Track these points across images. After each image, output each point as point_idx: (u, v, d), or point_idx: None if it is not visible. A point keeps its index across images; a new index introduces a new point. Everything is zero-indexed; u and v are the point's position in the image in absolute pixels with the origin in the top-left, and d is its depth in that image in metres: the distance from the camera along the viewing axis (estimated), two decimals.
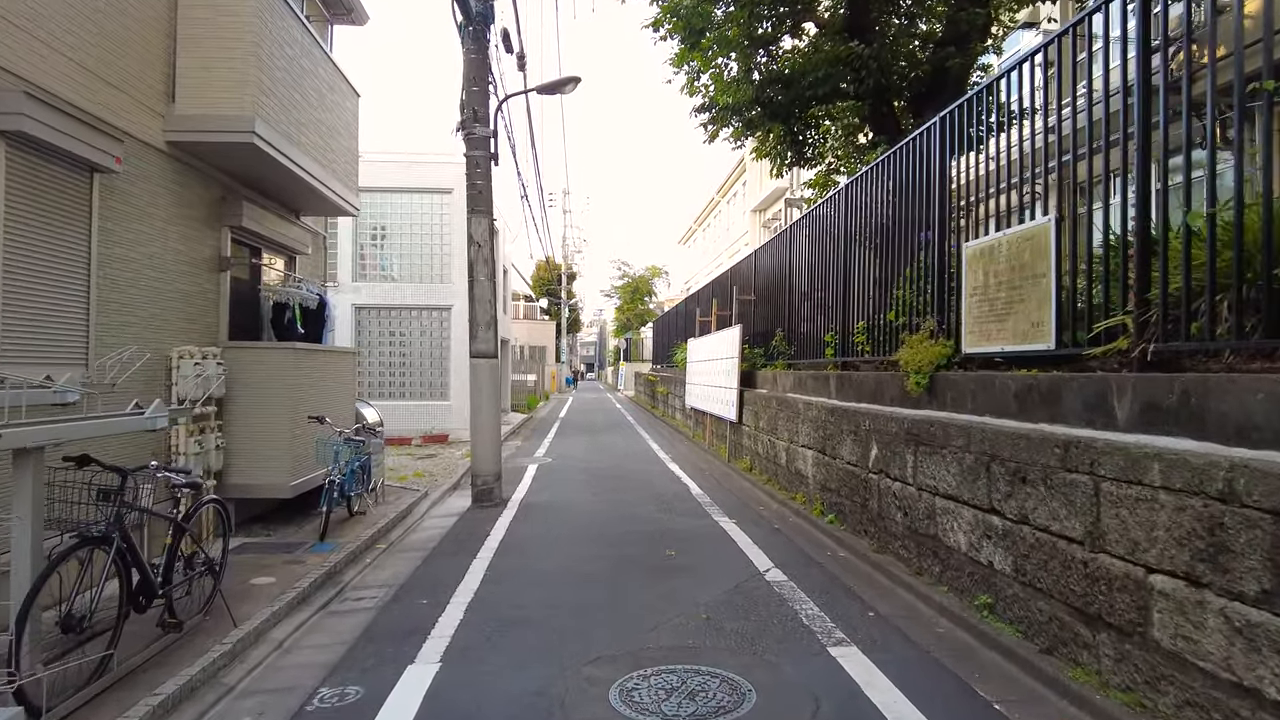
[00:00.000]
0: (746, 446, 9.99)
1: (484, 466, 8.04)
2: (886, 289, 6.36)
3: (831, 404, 6.79)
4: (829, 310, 7.81)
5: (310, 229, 8.65)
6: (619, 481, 9.48)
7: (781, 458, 8.26)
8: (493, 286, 8.12)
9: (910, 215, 5.98)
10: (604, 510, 7.62)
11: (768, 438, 8.86)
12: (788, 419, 8.03)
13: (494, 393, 8.11)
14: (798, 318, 8.96)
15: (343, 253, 14.82)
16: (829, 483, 6.74)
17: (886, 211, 6.48)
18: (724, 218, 39.38)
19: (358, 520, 7.06)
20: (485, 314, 8.05)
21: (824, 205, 8.24)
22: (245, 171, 6.58)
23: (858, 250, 7.12)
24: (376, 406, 14.82)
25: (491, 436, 8.08)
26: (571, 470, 10.61)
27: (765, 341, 10.26)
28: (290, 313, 7.34)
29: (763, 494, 8.46)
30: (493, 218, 8.21)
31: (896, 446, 5.32)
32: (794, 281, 9.07)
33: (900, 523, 5.29)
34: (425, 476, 10.11)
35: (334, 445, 6.61)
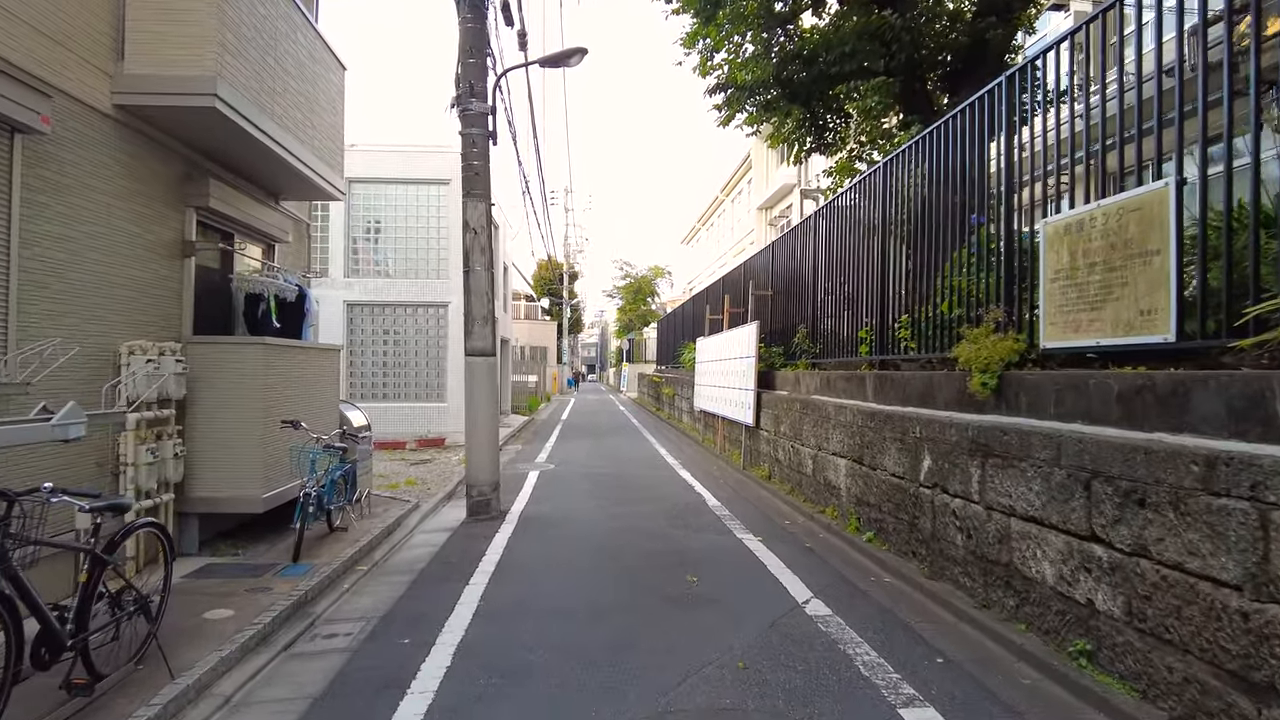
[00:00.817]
0: (764, 453, 9.25)
1: (480, 475, 7.30)
2: (929, 278, 5.63)
3: (869, 408, 6.05)
4: (861, 304, 7.08)
5: (292, 215, 7.93)
6: (627, 490, 8.74)
7: (807, 466, 7.52)
8: (490, 278, 7.39)
9: (955, 196, 5.25)
10: (612, 525, 6.88)
11: (790, 444, 8.11)
12: (814, 424, 7.29)
13: (491, 395, 7.39)
14: (822, 313, 8.23)
15: (334, 247, 14.11)
16: (866, 496, 6.00)
17: (929, 193, 5.74)
18: (729, 216, 38.71)
19: (338, 537, 6.32)
20: (482, 308, 7.32)
21: (853, 191, 7.51)
22: (212, 145, 5.85)
23: (894, 238, 6.39)
24: (368, 409, 14.09)
25: (489, 442, 7.35)
26: (575, 477, 9.87)
27: (784, 340, 9.53)
28: (265, 305, 6.61)
29: (785, 505, 7.72)
30: (490, 202, 7.48)
31: (957, 458, 4.58)
32: (818, 274, 8.34)
33: (961, 546, 4.55)
34: (418, 484, 9.37)
35: (310, 453, 5.88)
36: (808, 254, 8.65)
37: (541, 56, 8.01)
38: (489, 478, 7.32)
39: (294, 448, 5.91)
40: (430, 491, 8.85)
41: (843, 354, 7.49)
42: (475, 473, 7.31)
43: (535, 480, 9.56)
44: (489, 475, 7.33)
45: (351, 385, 14.15)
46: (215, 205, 6.01)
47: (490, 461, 7.36)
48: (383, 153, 14.31)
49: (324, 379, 7.14)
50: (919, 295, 5.87)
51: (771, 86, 9.36)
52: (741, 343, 10.24)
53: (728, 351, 11.28)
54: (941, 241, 5.59)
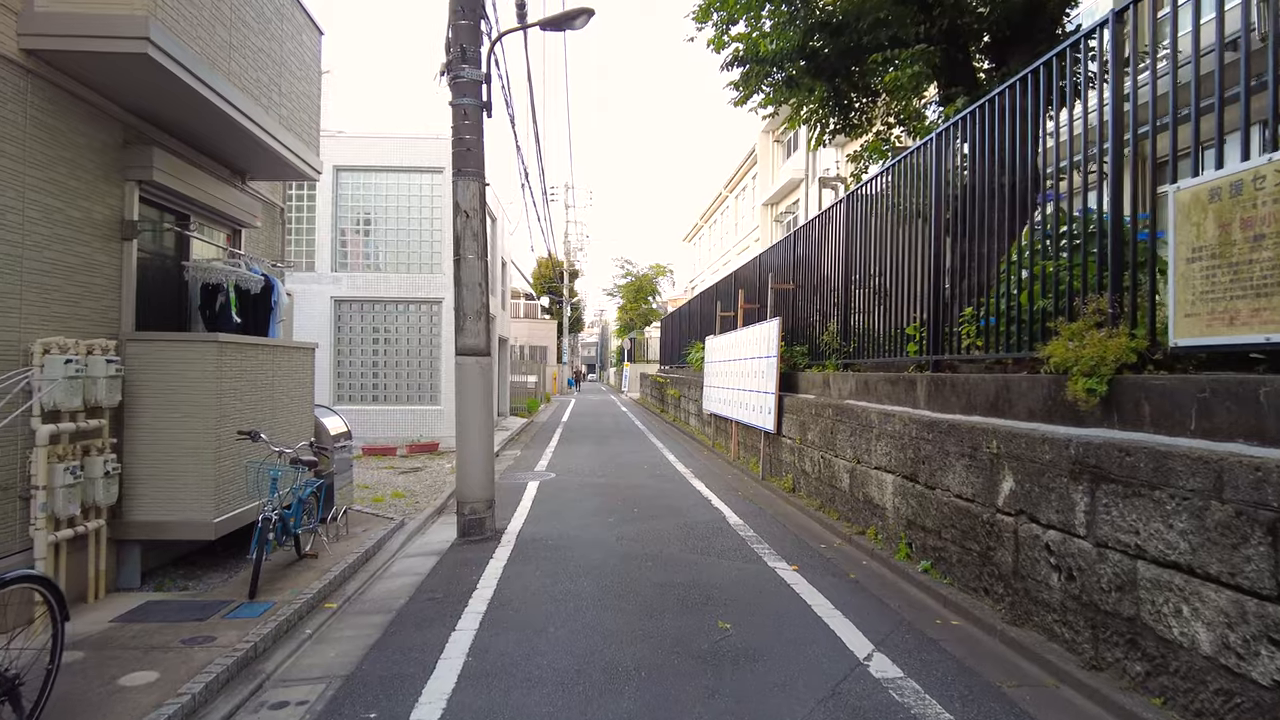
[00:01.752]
0: (788, 462, 8.39)
1: (473, 491, 6.45)
2: (988, 267, 4.79)
3: (924, 416, 5.19)
4: (905, 298, 6.23)
5: (262, 197, 7.07)
6: (636, 505, 7.88)
7: (842, 480, 6.66)
8: (484, 267, 6.53)
9: (1018, 173, 4.40)
10: (622, 548, 6.02)
11: (820, 454, 7.26)
12: (851, 433, 6.44)
13: (485, 399, 6.53)
14: (856, 309, 7.37)
15: (320, 239, 13.26)
16: (921, 519, 5.14)
17: (988, 170, 4.89)
18: (732, 213, 37.93)
19: (307, 565, 5.46)
20: (475, 301, 6.46)
21: (890, 174, 6.66)
22: (156, 107, 4.99)
23: (951, 223, 5.54)
24: (356, 412, 13.27)
25: (482, 453, 6.49)
26: (578, 489, 9.01)
27: (809, 338, 8.68)
28: (224, 297, 5.75)
29: (817, 524, 6.87)
30: (484, 182, 6.63)
31: (1052, 480, 3.73)
32: (849, 266, 7.48)
33: (1058, 589, 3.69)
34: (406, 497, 8.52)
35: (271, 470, 5.01)
36: (837, 243, 7.79)
37: (542, 19, 7.15)
38: (483, 493, 6.47)
39: (251, 465, 5.05)
40: (419, 505, 8.00)
41: (881, 353, 6.63)
42: (467, 488, 6.46)
43: (534, 492, 8.70)
44: (482, 491, 6.47)
45: (339, 387, 13.31)
46: (162, 179, 5.15)
47: (484, 475, 6.50)
48: (372, 139, 13.46)
49: (295, 382, 6.28)
50: (978, 286, 5.04)
51: (795, 59, 8.51)
52: (759, 341, 9.38)
53: (743, 351, 10.43)
54: (1003, 224, 4.75)
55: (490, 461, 6.58)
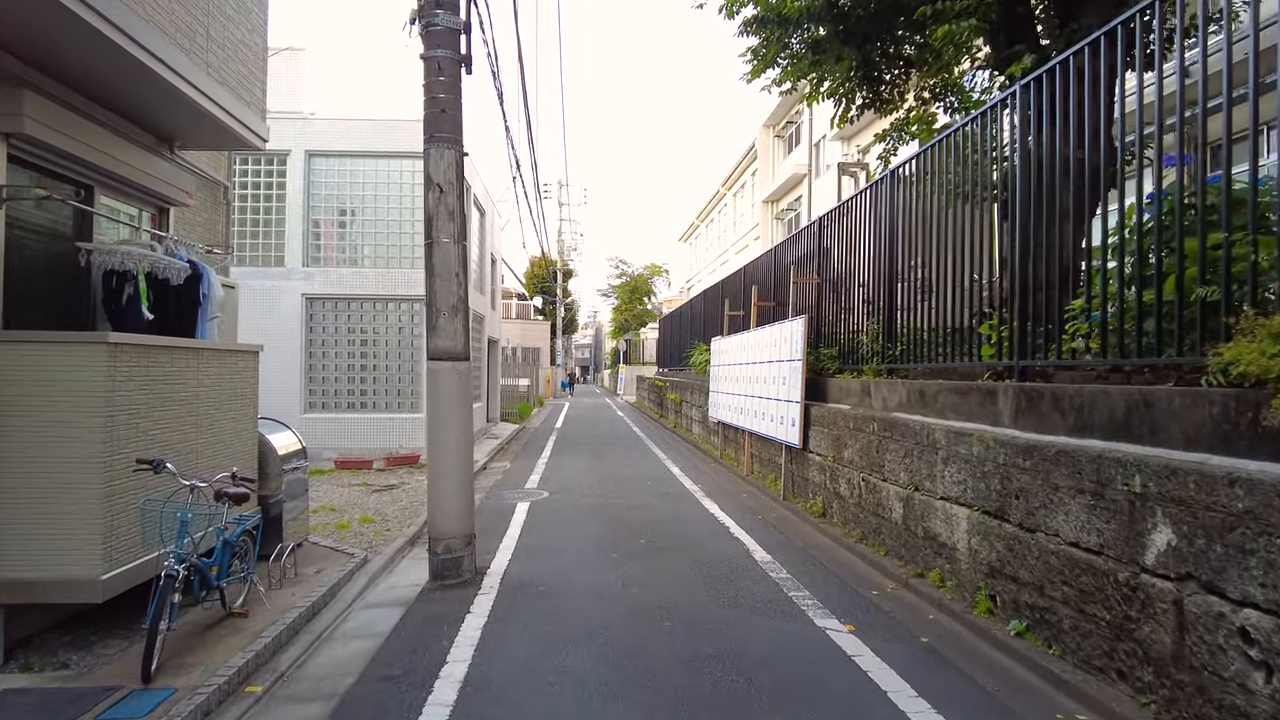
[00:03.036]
0: (816, 482, 7.29)
1: (448, 524, 5.32)
2: (1071, 252, 3.71)
3: (1015, 438, 4.10)
4: (960, 290, 5.14)
5: (198, 171, 5.93)
6: (642, 533, 6.76)
7: (892, 510, 5.56)
8: (461, 253, 5.41)
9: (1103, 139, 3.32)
10: (631, 597, 4.90)
11: (862, 476, 6.16)
12: (905, 453, 5.34)
13: (463, 412, 5.40)
14: (902, 304, 6.28)
15: (291, 231, 12.09)
16: (1011, 568, 4.04)
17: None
18: (730, 212, 36.97)
19: (234, 626, 4.32)
20: (450, 293, 5.34)
21: (939, 149, 5.58)
22: (28, 42, 3.85)
23: (1022, 201, 4.46)
24: (329, 421, 12.06)
25: (459, 478, 5.36)
26: (574, 511, 7.89)
27: (839, 339, 7.58)
28: (131, 288, 4.59)
29: (859, 561, 5.77)
30: (462, 150, 5.50)
31: (1248, 538, 2.64)
32: (894, 254, 6.39)
33: (1264, 695, 2.60)
34: (375, 522, 7.37)
35: (178, 511, 3.87)
36: (877, 229, 6.70)
37: None
38: (459, 527, 5.34)
39: (148, 504, 3.88)
40: (388, 534, 6.85)
41: (939, 357, 5.54)
42: (441, 521, 5.32)
43: (524, 517, 7.56)
44: (459, 524, 5.34)
45: (311, 393, 12.14)
46: (42, 135, 4.01)
47: (461, 505, 5.37)
48: (349, 122, 12.30)
49: (231, 393, 5.14)
50: (1061, 273, 3.97)
51: (824, 19, 7.44)
52: (780, 343, 8.28)
53: (758, 354, 9.33)
54: (1082, 203, 3.68)
55: (469, 489, 5.45)
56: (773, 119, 29.31)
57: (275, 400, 11.83)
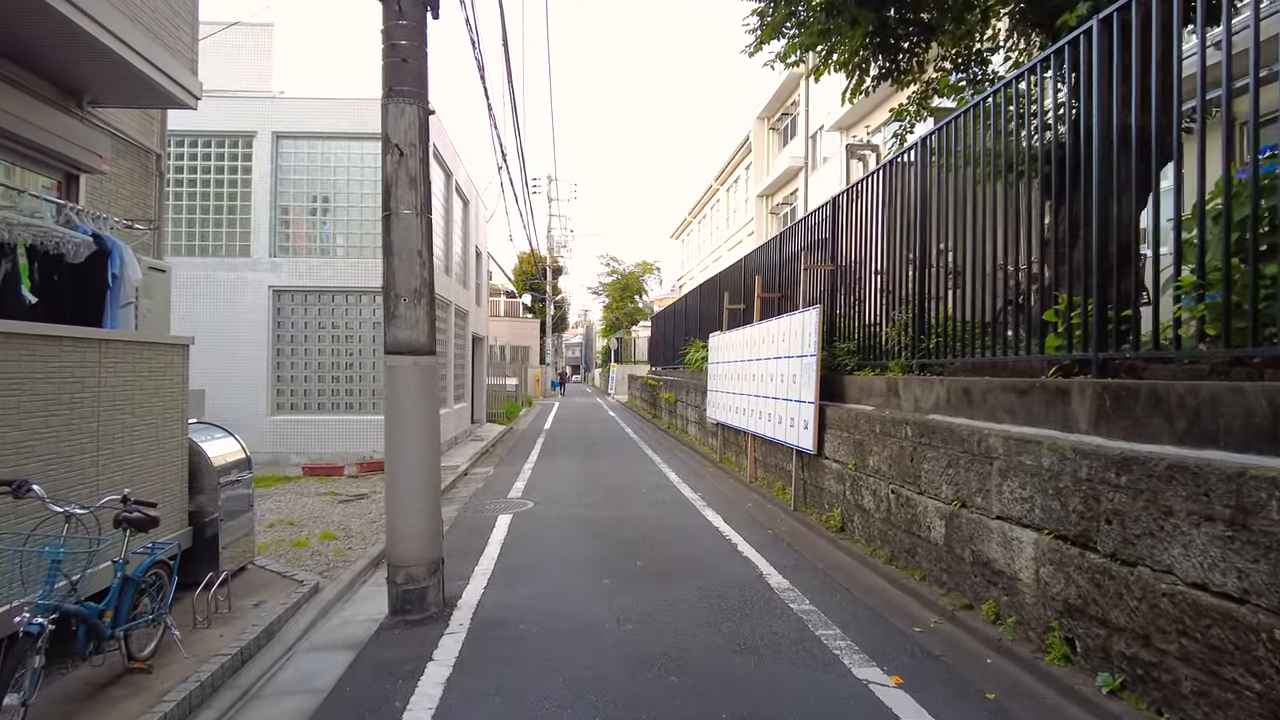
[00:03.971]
0: (834, 492, 6.50)
1: (409, 550, 4.48)
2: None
3: (1099, 447, 3.32)
4: (995, 271, 4.36)
5: (120, 134, 5.06)
6: (639, 553, 5.96)
7: (931, 527, 4.78)
8: (426, 227, 4.57)
9: None
10: (628, 641, 4.09)
11: (891, 487, 5.37)
12: (949, 462, 4.55)
13: (426, 416, 4.56)
14: (935, 292, 5.50)
15: (257, 219, 11.19)
16: (1100, 609, 3.26)
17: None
18: (724, 207, 36.27)
19: (134, 686, 3.47)
20: (411, 275, 4.50)
21: (977, 111, 4.80)
22: None
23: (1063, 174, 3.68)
24: (298, 422, 11.14)
25: (422, 496, 4.53)
26: (561, 525, 7.06)
27: (857, 332, 6.80)
28: (9, 263, 3.72)
29: (891, 587, 4.99)
30: (427, 107, 4.67)
31: None
32: (927, 235, 5.60)
33: None
34: (338, 539, 6.52)
35: (47, 549, 3.02)
36: (908, 206, 5.90)
37: None
38: (423, 552, 4.50)
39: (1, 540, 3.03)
40: (350, 554, 6.01)
41: (988, 350, 4.76)
42: (401, 546, 4.49)
43: (505, 533, 6.72)
44: (423, 549, 4.50)
45: (279, 394, 11.25)
46: None
47: (426, 525, 4.53)
48: (320, 102, 11.40)
49: (150, 395, 4.30)
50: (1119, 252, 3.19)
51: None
52: (790, 337, 7.49)
53: (763, 349, 8.54)
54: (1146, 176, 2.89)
55: (434, 507, 4.60)
56: (767, 111, 28.60)
57: (239, 401, 10.96)
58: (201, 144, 11.19)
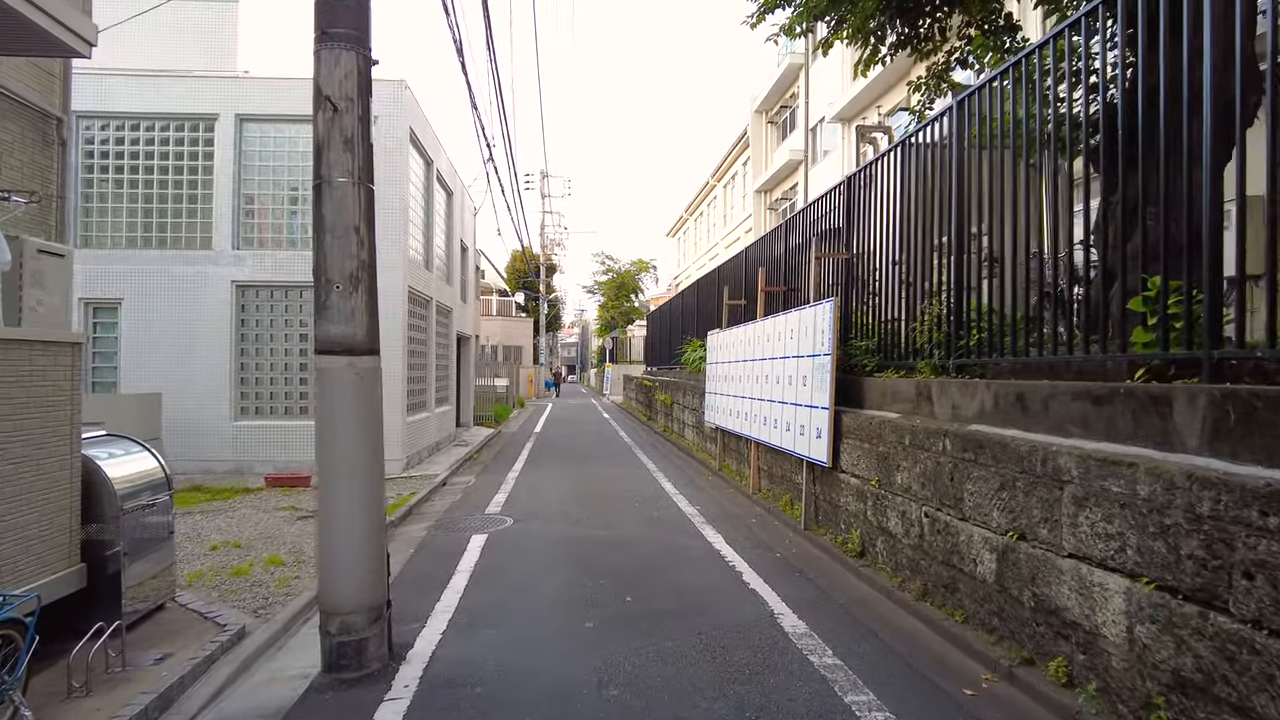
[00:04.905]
0: (852, 511, 5.70)
1: (345, 593, 3.66)
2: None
3: (1228, 475, 2.52)
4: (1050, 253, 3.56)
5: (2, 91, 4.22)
6: (630, 585, 5.15)
7: (978, 561, 3.97)
8: (366, 198, 3.75)
9: None
10: (614, 715, 3.28)
11: (924, 510, 4.57)
12: (1001, 483, 3.75)
13: (368, 431, 3.73)
14: (973, 281, 4.70)
15: (220, 209, 10.34)
16: (1237, 692, 2.45)
17: None
18: (720, 204, 35.56)
19: None
20: (347, 257, 3.68)
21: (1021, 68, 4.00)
22: None
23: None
24: (263, 428, 10.26)
25: (363, 526, 3.70)
26: (543, 550, 6.25)
27: (881, 329, 5.99)
28: None
29: (926, 628, 4.19)
30: (368, 54, 3.84)
31: None
32: (964, 215, 4.80)
33: None
34: (286, 564, 5.70)
35: None
36: (943, 183, 5.09)
37: None
38: (362, 596, 3.68)
39: None
40: (294, 585, 5.18)
41: (1044, 348, 3.96)
42: (335, 589, 3.67)
43: (476, 558, 5.90)
44: (362, 592, 3.68)
45: (243, 396, 10.41)
46: None
47: (365, 563, 3.71)
48: (287, 82, 10.54)
49: (22, 406, 3.47)
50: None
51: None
52: (798, 334, 6.69)
53: (768, 348, 7.74)
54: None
55: (377, 542, 3.77)
56: (766, 104, 27.87)
57: (200, 406, 10.11)
58: (158, 127, 10.34)
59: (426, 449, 11.99)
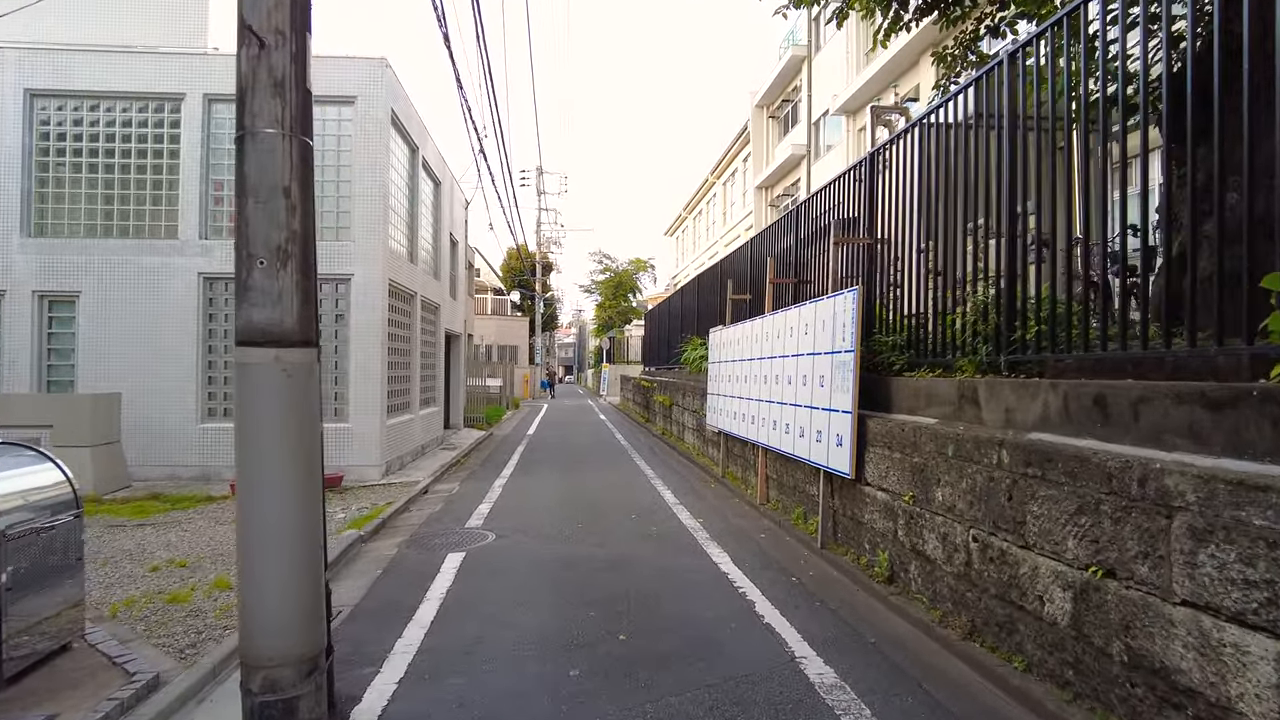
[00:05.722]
0: (879, 530, 4.99)
1: (270, 641, 2.94)
2: None
3: None
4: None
5: None
6: (626, 621, 4.45)
7: (1049, 601, 3.27)
8: (299, 153, 3.04)
9: None
10: None
11: (972, 532, 3.87)
12: (1081, 506, 3.05)
13: (298, 442, 3.01)
14: (1023, 263, 3.99)
15: (187, 196, 9.62)
16: None
17: None
18: (720, 201, 34.95)
19: None
20: (275, 225, 2.97)
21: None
22: None
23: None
24: (231, 432, 9.60)
25: (291, 562, 2.99)
26: (527, 573, 5.54)
27: (911, 322, 5.29)
28: None
29: (978, 675, 3.48)
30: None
31: None
32: (1020, 187, 4.10)
33: None
34: (230, 590, 4.98)
35: None
36: (995, 151, 4.39)
37: None
38: (292, 645, 2.96)
39: None
40: (235, 617, 4.46)
41: (1125, 341, 3.26)
42: (260, 635, 2.95)
43: (450, 583, 5.18)
44: (292, 639, 2.96)
45: (210, 397, 9.68)
46: None
47: (297, 603, 2.99)
48: None
49: None
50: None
51: None
52: (814, 328, 6.00)
53: (778, 345, 7.05)
54: None
55: (312, 577, 3.05)
56: (767, 98, 27.24)
57: (165, 407, 9.35)
58: (120, 107, 9.62)
59: (410, 453, 11.27)
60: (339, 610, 4.65)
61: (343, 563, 5.76)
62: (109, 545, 6.12)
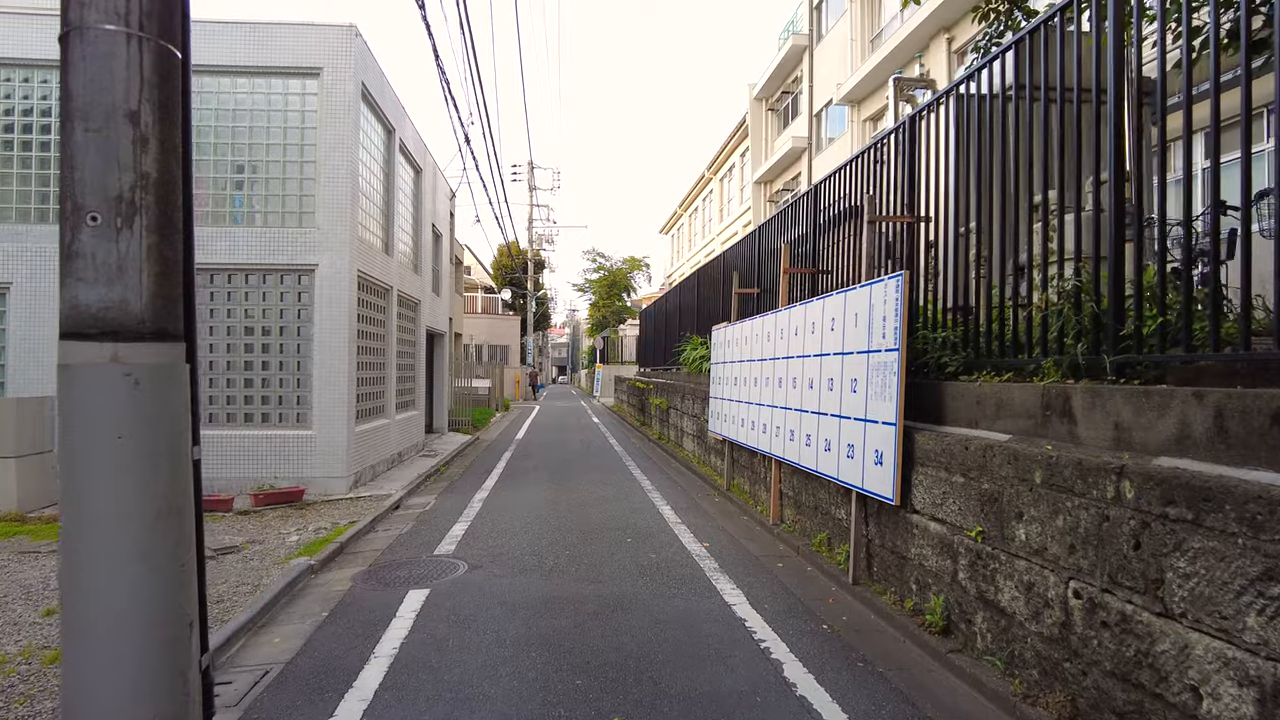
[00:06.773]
0: (931, 569, 4.09)
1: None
2: None
3: None
4: None
5: None
6: (621, 692, 3.54)
7: (1209, 695, 2.36)
8: (152, 61, 2.13)
9: None
10: None
11: (1075, 586, 2.97)
12: (1267, 570, 2.16)
13: (154, 476, 2.10)
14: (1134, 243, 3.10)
15: None
16: None
17: None
18: (717, 197, 34.14)
19: None
20: (112, 166, 2.04)
21: None
22: None
23: None
24: None
25: (142, 638, 2.06)
26: (499, 619, 4.62)
27: (966, 316, 4.39)
28: None
29: None
30: None
31: None
32: (1141, 149, 3.20)
33: None
34: (15, 671, 4.01)
35: None
36: (1102, 102, 3.49)
37: None
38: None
39: None
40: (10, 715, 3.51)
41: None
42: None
43: (406, 633, 4.24)
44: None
45: None
46: None
47: (149, 699, 2.06)
48: (211, 26, 8.85)
49: None
50: None
51: None
52: (844, 324, 5.10)
53: (795, 344, 6.15)
54: None
55: (175, 675, 2.13)
56: (766, 90, 26.42)
57: None
58: (57, 77, 8.61)
59: (384, 462, 10.32)
60: (266, 669, 3.72)
61: (284, 601, 4.82)
62: (5, 580, 5.17)
